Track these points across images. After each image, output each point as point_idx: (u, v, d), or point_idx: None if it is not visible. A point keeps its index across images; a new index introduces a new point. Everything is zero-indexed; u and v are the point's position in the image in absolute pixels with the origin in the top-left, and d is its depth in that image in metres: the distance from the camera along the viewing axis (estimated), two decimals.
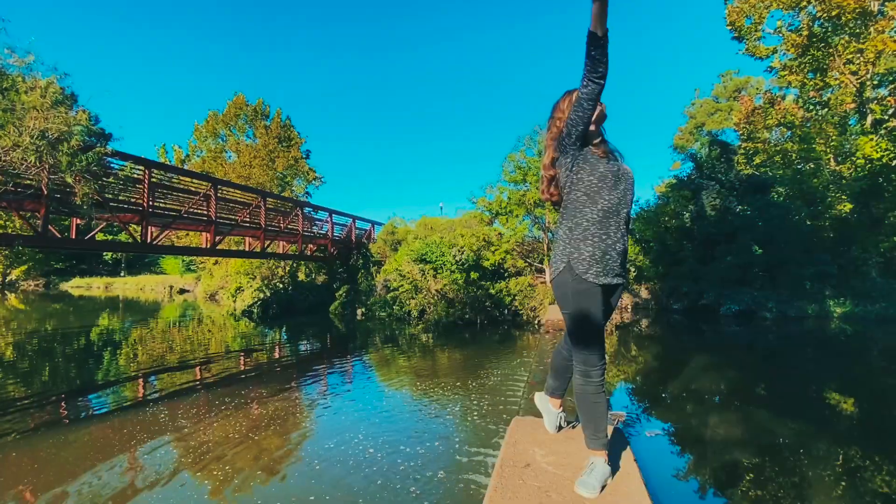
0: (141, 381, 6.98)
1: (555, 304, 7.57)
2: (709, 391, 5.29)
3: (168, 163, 30.83)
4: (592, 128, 1.82)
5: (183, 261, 29.78)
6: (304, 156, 24.35)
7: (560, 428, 2.23)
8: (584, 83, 1.59)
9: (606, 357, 1.85)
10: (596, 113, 1.80)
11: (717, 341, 8.81)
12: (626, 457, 1.98)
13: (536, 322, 11.01)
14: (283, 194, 22.14)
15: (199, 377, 6.43)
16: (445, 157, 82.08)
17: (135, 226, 10.50)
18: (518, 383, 5.11)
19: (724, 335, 9.21)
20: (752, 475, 2.99)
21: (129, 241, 10.00)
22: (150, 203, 9.82)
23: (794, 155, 14.17)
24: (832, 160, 14.12)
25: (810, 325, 9.63)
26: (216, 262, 21.36)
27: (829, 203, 12.13)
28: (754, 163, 14.80)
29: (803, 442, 3.63)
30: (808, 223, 11.39)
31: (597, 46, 1.53)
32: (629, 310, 12.15)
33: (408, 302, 12.13)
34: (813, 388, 5.41)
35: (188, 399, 5.00)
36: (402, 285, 12.11)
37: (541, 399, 2.30)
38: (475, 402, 4.45)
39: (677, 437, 3.80)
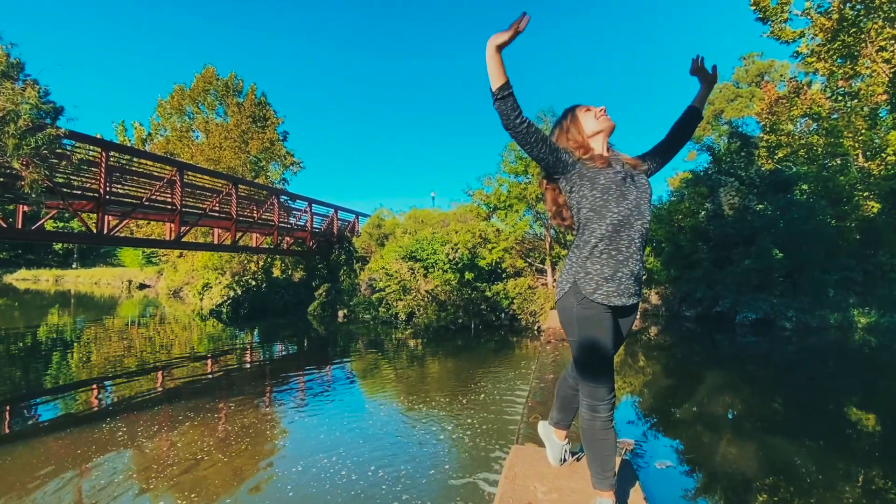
0: (95, 388, 6.90)
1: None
2: (723, 412, 5.36)
3: (128, 142, 30.36)
4: (580, 152, 1.82)
5: (143, 252, 29.41)
6: (280, 138, 24.13)
7: (564, 461, 2.24)
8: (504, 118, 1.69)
9: (616, 380, 1.86)
10: (589, 130, 1.87)
11: (732, 353, 8.93)
12: (635, 495, 1.99)
13: (536, 328, 11.07)
14: (256, 181, 21.94)
15: (159, 385, 6.38)
16: (439, 143, 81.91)
17: (90, 214, 10.34)
18: (516, 400, 5.13)
19: (739, 346, 9.33)
20: None
21: (83, 230, 9.83)
22: (108, 189, 9.67)
23: (819, 149, 14.33)
24: (860, 156, 14.31)
25: (832, 336, 9.79)
26: (181, 255, 21.15)
27: (857, 203, 12.31)
28: (776, 157, 14.96)
29: (827, 474, 3.69)
30: (834, 224, 11.56)
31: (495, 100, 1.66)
32: (638, 316, 12.25)
33: (395, 304, 12.12)
34: (834, 407, 5.51)
35: (147, 411, 4.96)
36: (388, 285, 12.08)
37: (544, 429, 2.30)
38: (468, 421, 4.47)
39: (690, 469, 3.85)
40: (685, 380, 7.33)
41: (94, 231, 9.67)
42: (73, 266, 36.54)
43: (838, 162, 13.94)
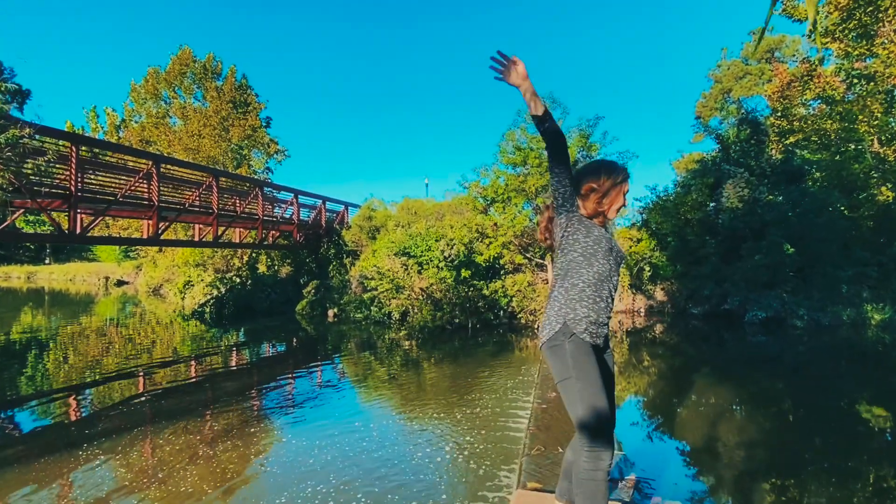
0: (73, 394, 6.88)
1: None
2: (731, 415, 5.38)
3: (100, 129, 29.93)
4: (590, 208, 2.05)
5: (120, 247, 29.19)
6: (263, 124, 23.85)
7: None
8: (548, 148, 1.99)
9: (619, 381, 2.04)
10: (615, 205, 2.07)
11: (740, 353, 8.99)
12: None
13: (537, 326, 11.11)
14: (238, 171, 21.73)
15: (139, 392, 6.33)
16: (432, 124, 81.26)
17: (60, 213, 10.20)
18: (517, 414, 5.14)
19: (748, 346, 9.41)
20: None
21: (54, 230, 9.70)
22: (79, 185, 9.53)
23: (832, 135, 14.32)
24: (875, 141, 14.32)
25: (845, 333, 9.88)
26: (160, 250, 20.99)
27: (871, 192, 12.35)
28: (787, 141, 14.94)
29: (837, 474, 3.73)
30: (847, 213, 11.58)
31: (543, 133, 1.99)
32: (642, 313, 12.33)
33: (388, 302, 12.10)
34: (846, 408, 5.55)
35: (129, 419, 4.93)
36: (381, 284, 12.05)
37: None
38: (465, 437, 4.47)
39: (696, 472, 3.88)
40: (691, 381, 7.38)
41: (67, 230, 9.55)
42: (46, 261, 36.24)
43: (852, 148, 13.95)
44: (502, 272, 12.27)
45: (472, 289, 11.52)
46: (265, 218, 14.91)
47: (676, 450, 4.79)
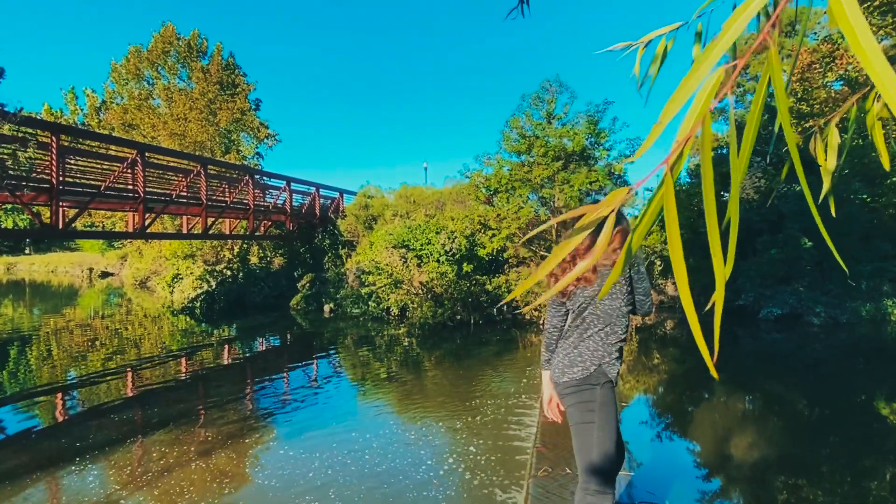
0: (59, 392, 6.98)
1: None
2: (743, 415, 5.47)
3: (79, 111, 29.74)
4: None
5: None
6: (252, 107, 23.70)
7: None
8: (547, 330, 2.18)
9: (629, 379, 2.23)
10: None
11: (755, 351, 9.08)
12: None
13: (542, 322, 11.19)
14: (227, 157, 21.64)
15: (127, 393, 6.40)
16: (431, 105, 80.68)
17: (42, 206, 10.21)
18: (523, 421, 5.23)
19: (763, 343, 9.50)
20: None
21: (37, 225, 9.72)
22: (61, 177, 9.52)
23: (853, 118, 14.22)
24: None
25: (863, 330, 9.96)
26: (147, 241, 21.01)
27: (893, 180, 12.32)
28: (807, 125, 14.87)
29: (852, 473, 3.81)
30: (868, 201, 11.58)
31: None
32: (654, 309, 12.41)
33: (386, 297, 12.17)
34: (862, 406, 5.64)
35: (116, 418, 5.01)
36: (379, 279, 12.11)
37: None
38: (469, 449, 4.56)
39: (707, 472, 3.97)
40: (702, 380, 7.48)
41: (49, 224, 9.56)
42: (27, 252, 36.27)
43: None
44: (506, 266, 12.32)
45: (474, 284, 11.58)
46: (256, 207, 14.92)
47: (686, 450, 4.90)
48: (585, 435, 1.95)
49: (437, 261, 11.76)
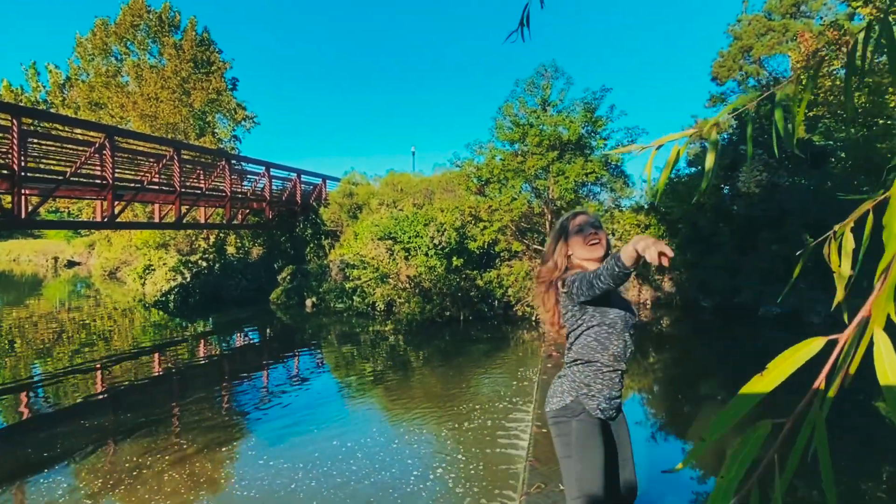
0: (24, 391, 6.91)
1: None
2: (741, 432, 5.53)
3: (41, 89, 29.09)
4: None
5: None
6: (229, 86, 23.32)
7: None
8: (603, 278, 1.81)
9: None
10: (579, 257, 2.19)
11: (754, 350, 9.23)
12: None
13: (534, 318, 11.25)
14: (202, 140, 21.33)
15: (96, 392, 6.34)
16: (419, 88, 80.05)
17: (2, 194, 9.99)
18: (515, 425, 5.27)
19: (763, 342, 9.66)
20: None
21: None
22: (23, 162, 9.31)
23: (860, 109, 14.40)
24: None
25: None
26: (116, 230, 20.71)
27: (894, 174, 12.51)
28: (811, 113, 15.01)
29: (852, 475, 3.92)
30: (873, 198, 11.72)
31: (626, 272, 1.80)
32: (649, 306, 12.53)
33: (372, 292, 12.15)
34: (861, 406, 5.77)
35: (81, 431, 4.96)
36: (364, 273, 12.08)
37: None
38: (457, 457, 4.58)
39: (702, 474, 4.05)
40: (700, 380, 7.61)
41: (12, 213, 9.36)
42: None
43: (881, 123, 14.04)
44: (497, 260, 12.33)
45: (464, 278, 11.58)
46: (234, 194, 14.75)
47: (682, 451, 4.98)
48: (567, 470, 2.01)
49: (426, 254, 11.74)
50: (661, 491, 3.98)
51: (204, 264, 15.53)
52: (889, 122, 13.81)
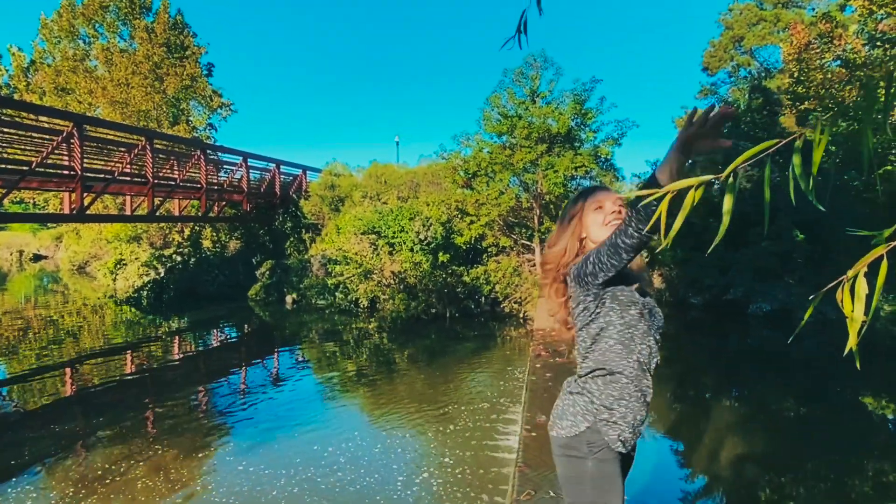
0: None
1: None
2: (730, 413, 5.64)
3: (3, 72, 28.38)
4: (633, 267, 1.75)
5: None
6: (204, 72, 22.94)
7: None
8: (630, 232, 1.44)
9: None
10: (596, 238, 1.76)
11: (743, 347, 9.38)
12: None
13: (522, 316, 11.31)
14: (176, 128, 20.98)
15: (67, 395, 6.24)
16: (404, 77, 79.55)
17: None
18: (504, 426, 5.29)
19: (753, 339, 9.83)
20: None
21: None
22: None
23: (851, 103, 14.63)
24: None
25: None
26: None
27: (887, 168, 12.76)
28: (801, 107, 15.21)
29: (837, 472, 4.01)
30: (863, 192, 11.96)
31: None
32: None
33: (355, 288, 12.09)
34: (849, 405, 5.89)
35: (50, 438, 4.88)
36: (347, 270, 12.02)
37: None
38: (443, 460, 4.59)
39: (691, 472, 4.12)
40: (690, 377, 7.70)
41: None
42: None
43: (871, 118, 14.26)
44: (484, 255, 12.35)
45: (450, 274, 11.58)
46: (209, 185, 14.53)
47: (671, 449, 5.06)
48: None
49: (411, 249, 11.72)
50: (653, 490, 4.04)
51: (178, 259, 15.31)
52: (880, 116, 14.03)
